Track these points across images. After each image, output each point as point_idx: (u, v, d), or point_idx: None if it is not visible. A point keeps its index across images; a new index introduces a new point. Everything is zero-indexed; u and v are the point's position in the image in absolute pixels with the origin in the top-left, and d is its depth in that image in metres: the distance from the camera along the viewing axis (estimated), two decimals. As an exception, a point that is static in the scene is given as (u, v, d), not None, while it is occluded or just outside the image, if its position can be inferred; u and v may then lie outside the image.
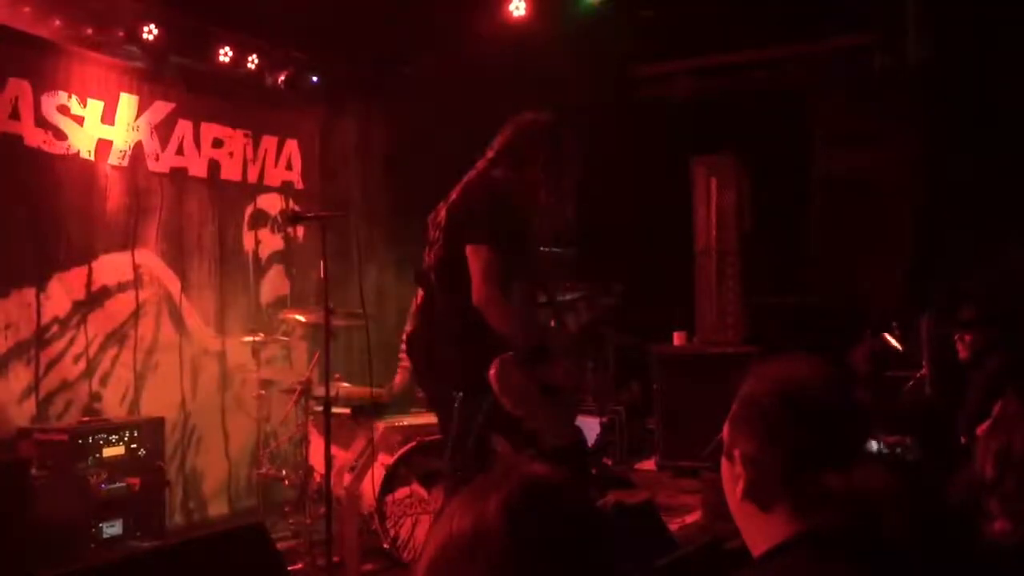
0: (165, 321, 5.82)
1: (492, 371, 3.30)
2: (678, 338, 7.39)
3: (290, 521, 5.35)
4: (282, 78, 6.57)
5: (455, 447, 3.34)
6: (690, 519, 5.78)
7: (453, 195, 3.55)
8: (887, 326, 7.17)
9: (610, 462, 7.11)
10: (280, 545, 5.06)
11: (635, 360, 7.66)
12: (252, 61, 6.32)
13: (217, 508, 6.08)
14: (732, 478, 1.51)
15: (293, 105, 6.73)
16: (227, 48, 6.13)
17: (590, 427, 6.62)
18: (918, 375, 6.58)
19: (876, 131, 7.20)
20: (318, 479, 5.07)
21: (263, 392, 5.57)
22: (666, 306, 7.64)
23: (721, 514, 5.42)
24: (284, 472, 5.37)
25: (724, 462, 1.53)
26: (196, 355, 6.01)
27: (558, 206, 3.63)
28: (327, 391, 4.01)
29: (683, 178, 7.34)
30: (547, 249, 3.83)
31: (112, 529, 4.80)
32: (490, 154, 3.62)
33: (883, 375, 6.51)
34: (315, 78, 6.84)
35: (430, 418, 5.17)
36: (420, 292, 3.65)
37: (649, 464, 7.31)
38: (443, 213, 3.53)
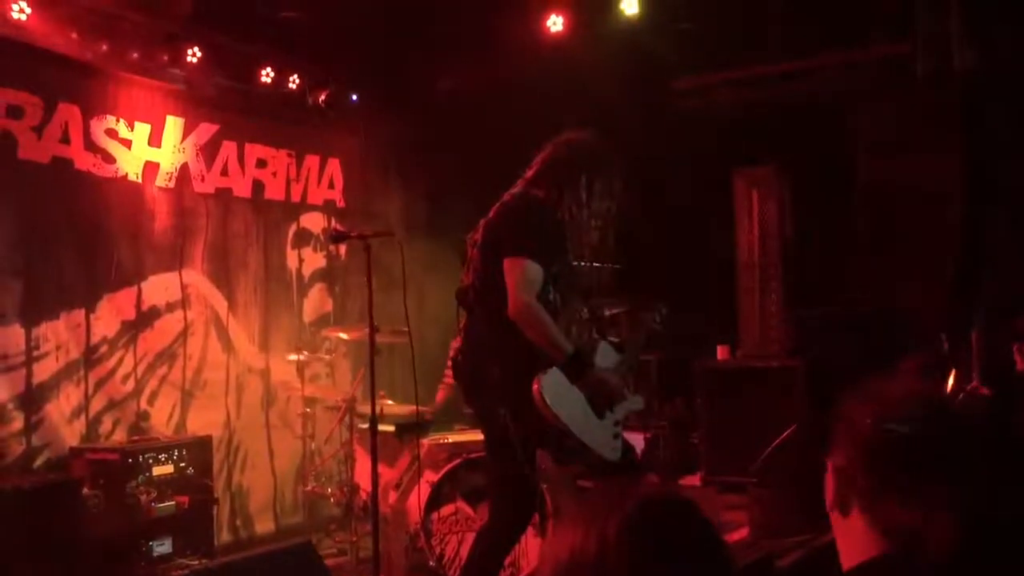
0: (212, 340, 5.89)
1: (535, 386, 3.29)
2: (721, 352, 7.32)
3: (336, 538, 5.37)
4: (323, 97, 6.63)
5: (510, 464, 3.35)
6: (736, 536, 5.70)
7: (491, 214, 3.56)
8: (936, 338, 7.06)
9: (657, 479, 7.04)
10: (327, 562, 5.08)
11: (679, 375, 7.60)
12: (293, 81, 6.39)
13: (264, 525, 6.12)
14: (826, 486, 1.54)
15: (335, 124, 6.80)
16: (268, 69, 6.21)
17: (634, 442, 6.58)
18: (969, 388, 6.46)
19: (921, 139, 7.10)
20: (364, 496, 5.09)
21: (308, 410, 5.60)
22: (709, 319, 7.58)
23: (769, 531, 5.31)
24: (330, 490, 5.40)
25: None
26: (241, 373, 6.07)
27: (600, 225, 3.62)
28: (372, 409, 4.02)
29: (725, 190, 7.31)
30: (588, 264, 3.84)
31: (162, 547, 4.85)
32: (529, 174, 3.62)
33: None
34: (355, 96, 6.90)
35: (475, 435, 5.18)
36: (464, 312, 3.66)
37: (694, 480, 7.24)
38: (481, 231, 3.54)
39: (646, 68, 7.43)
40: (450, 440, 4.96)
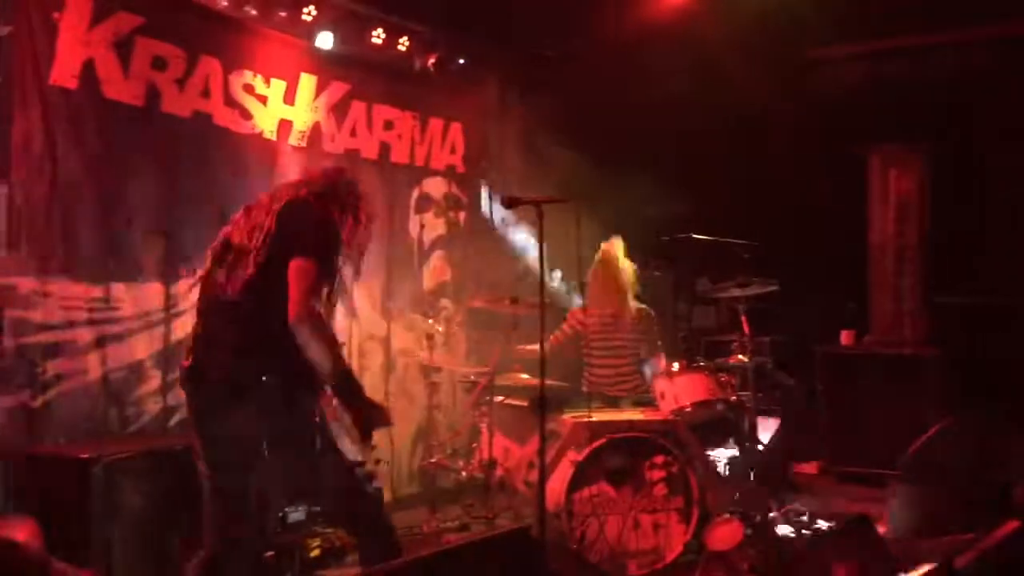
0: (337, 305, 5.74)
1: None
2: (846, 337, 7.03)
3: (468, 508, 5.24)
4: (432, 61, 6.45)
5: None
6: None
7: (274, 203, 3.29)
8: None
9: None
10: (453, 536, 4.96)
11: (791, 358, 7.27)
12: (403, 43, 6.21)
13: (380, 495, 6.00)
14: None
15: (457, 88, 6.61)
16: (379, 30, 6.04)
17: (769, 426, 6.35)
18: None
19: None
20: (500, 472, 4.94)
21: (436, 380, 5.45)
22: (829, 303, 7.24)
23: (915, 529, 4.98)
24: (461, 463, 5.25)
25: None
26: (363, 340, 5.94)
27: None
28: (542, 385, 3.83)
29: (859, 167, 6.98)
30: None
31: (296, 515, 4.73)
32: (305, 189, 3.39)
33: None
34: (461, 60, 6.67)
35: (618, 414, 5.00)
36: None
37: (810, 467, 6.98)
38: (270, 220, 3.23)
39: (777, 36, 7.11)
40: (594, 419, 4.76)
